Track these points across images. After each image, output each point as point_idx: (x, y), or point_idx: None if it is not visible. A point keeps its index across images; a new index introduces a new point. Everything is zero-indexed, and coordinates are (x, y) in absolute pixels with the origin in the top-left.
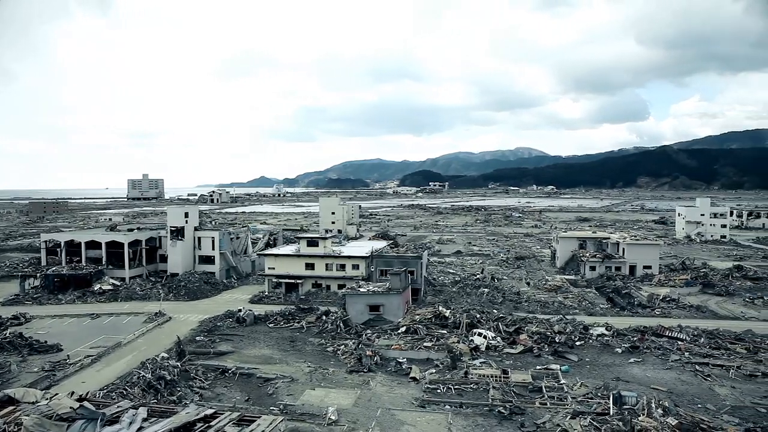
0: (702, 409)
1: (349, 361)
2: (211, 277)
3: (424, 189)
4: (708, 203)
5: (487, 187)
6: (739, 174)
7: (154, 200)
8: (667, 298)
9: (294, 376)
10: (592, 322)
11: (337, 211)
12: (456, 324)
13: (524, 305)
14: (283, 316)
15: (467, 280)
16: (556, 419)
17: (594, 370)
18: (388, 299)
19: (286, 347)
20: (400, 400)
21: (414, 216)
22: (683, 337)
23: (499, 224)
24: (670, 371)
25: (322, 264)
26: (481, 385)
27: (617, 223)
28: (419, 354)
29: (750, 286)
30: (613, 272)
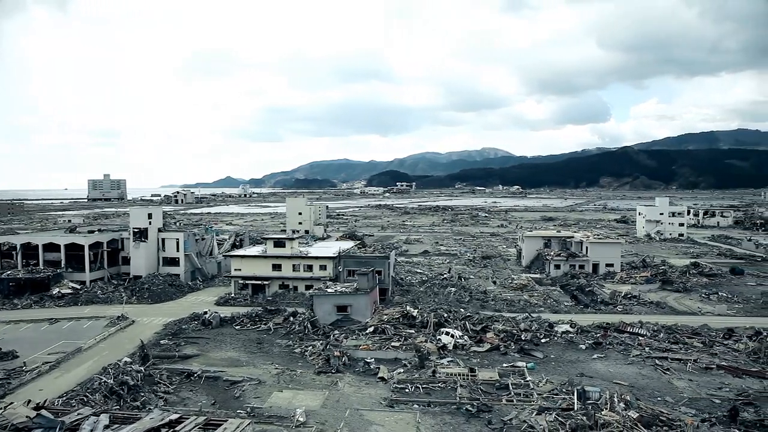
0: (662, 402)
1: (317, 362)
2: (175, 279)
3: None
4: (667, 203)
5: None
6: (696, 174)
7: (116, 201)
8: (628, 295)
9: (261, 378)
10: (556, 320)
11: (304, 212)
12: (423, 323)
13: (491, 304)
14: (250, 317)
15: (434, 279)
16: (523, 416)
17: (559, 366)
18: (356, 299)
19: (253, 349)
20: (368, 400)
21: (381, 216)
22: (644, 333)
23: (465, 224)
24: (631, 366)
25: (289, 265)
26: (448, 383)
27: (581, 222)
28: (387, 354)
29: (706, 282)
30: (577, 270)
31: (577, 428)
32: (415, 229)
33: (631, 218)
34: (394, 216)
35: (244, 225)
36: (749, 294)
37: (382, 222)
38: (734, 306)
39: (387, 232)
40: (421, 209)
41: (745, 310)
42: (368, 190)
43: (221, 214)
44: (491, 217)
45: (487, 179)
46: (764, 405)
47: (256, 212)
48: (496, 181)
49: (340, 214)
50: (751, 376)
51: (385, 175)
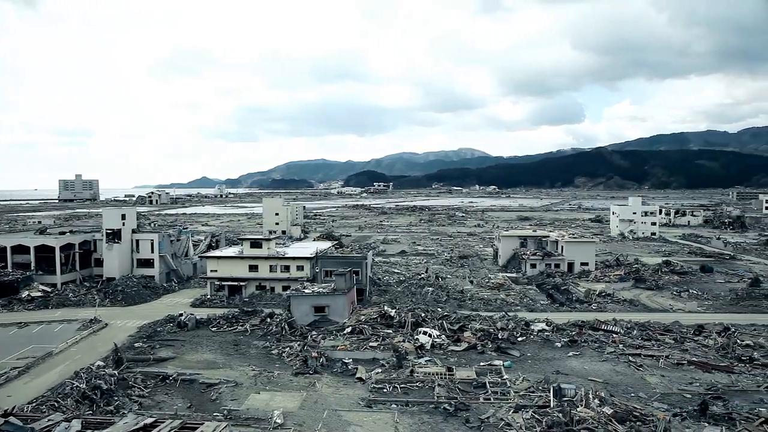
0: (635, 397)
1: (295, 363)
2: (150, 281)
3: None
4: (639, 202)
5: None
6: (667, 174)
7: (88, 202)
8: (602, 294)
9: (238, 380)
10: (533, 318)
11: (281, 212)
12: (401, 323)
13: (468, 303)
14: (227, 319)
15: (412, 279)
16: (500, 414)
17: (535, 364)
18: (334, 300)
19: (230, 351)
20: (346, 400)
21: (359, 216)
22: (617, 330)
23: (442, 224)
24: (605, 363)
25: (266, 265)
26: (426, 383)
27: (556, 221)
28: (365, 354)
29: (677, 280)
30: (552, 269)
31: (553, 425)
32: (393, 229)
33: (605, 218)
34: (371, 216)
35: (220, 226)
36: (718, 291)
37: (359, 222)
38: (704, 303)
39: (364, 232)
40: (399, 209)
41: (715, 307)
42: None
43: (197, 214)
44: (468, 216)
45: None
46: (732, 399)
47: (232, 213)
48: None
49: (317, 215)
50: (720, 371)
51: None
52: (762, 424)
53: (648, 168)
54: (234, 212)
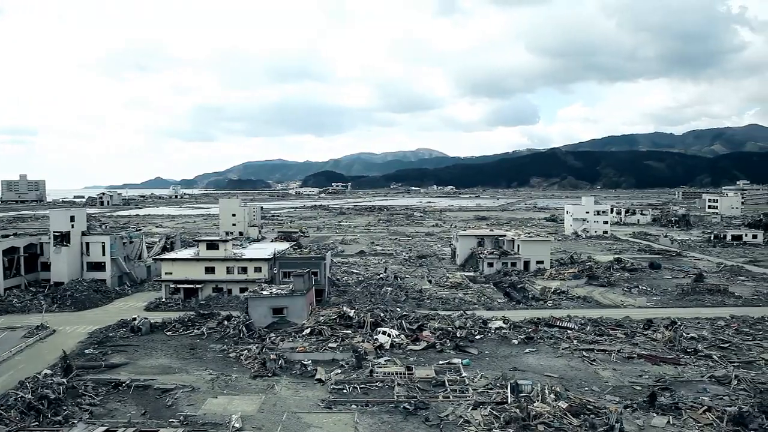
0: (589, 391)
1: (253, 366)
2: (101, 285)
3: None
4: (592, 202)
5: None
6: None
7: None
8: (557, 291)
9: (195, 384)
10: (490, 316)
11: (238, 213)
12: (360, 323)
13: (426, 302)
14: (182, 322)
15: (371, 279)
16: (459, 411)
17: (493, 361)
18: (292, 301)
19: (186, 355)
20: (306, 402)
21: (317, 217)
22: (572, 327)
23: (401, 224)
24: (561, 358)
25: (222, 267)
26: (386, 382)
27: (512, 221)
28: (324, 355)
29: (628, 276)
30: (509, 268)
31: (510, 421)
32: (351, 230)
33: (560, 217)
34: (329, 216)
35: (175, 227)
36: (666, 287)
37: (317, 223)
38: (653, 298)
39: (323, 232)
40: (357, 209)
41: (662, 302)
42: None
43: (151, 216)
44: (426, 216)
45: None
46: (679, 389)
47: (187, 214)
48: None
49: (275, 215)
50: (668, 363)
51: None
52: (705, 412)
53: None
54: (189, 213)
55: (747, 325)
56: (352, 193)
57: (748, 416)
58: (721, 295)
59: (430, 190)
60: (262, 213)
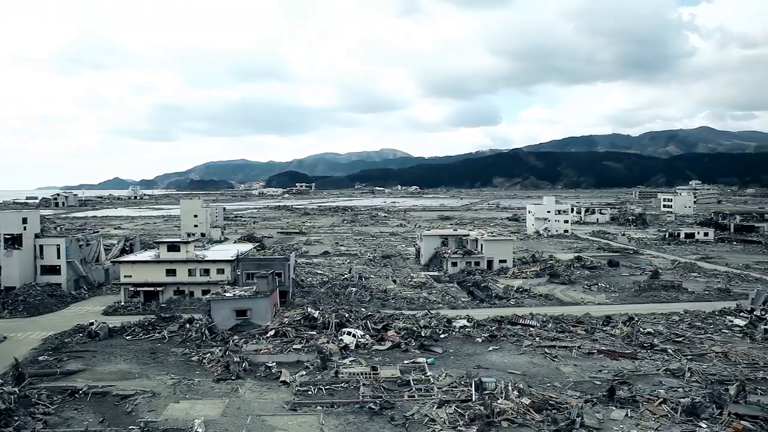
0: (551, 387)
1: (216, 369)
2: (56, 289)
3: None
4: (553, 201)
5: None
6: (578, 175)
7: None
8: (520, 289)
9: (155, 390)
10: (454, 315)
11: (200, 214)
12: (325, 324)
13: (391, 302)
14: (142, 326)
15: (335, 280)
16: (424, 410)
17: (457, 360)
18: (256, 303)
19: (146, 360)
20: (270, 405)
21: (281, 217)
22: (534, 324)
23: (365, 224)
24: (523, 355)
25: (184, 269)
26: (351, 383)
27: (476, 220)
28: (289, 357)
29: (588, 274)
30: (472, 267)
31: (475, 418)
32: (316, 230)
33: (522, 216)
34: (293, 217)
35: (134, 229)
36: (624, 284)
37: (281, 223)
38: (611, 295)
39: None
40: (321, 210)
41: (621, 298)
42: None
43: (109, 217)
44: (390, 216)
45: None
46: (636, 383)
47: (147, 215)
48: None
49: (238, 216)
50: (626, 358)
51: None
52: (661, 404)
53: (561, 168)
54: (150, 214)
55: (699, 319)
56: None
57: (699, 406)
58: (675, 291)
59: (395, 190)
60: (225, 214)
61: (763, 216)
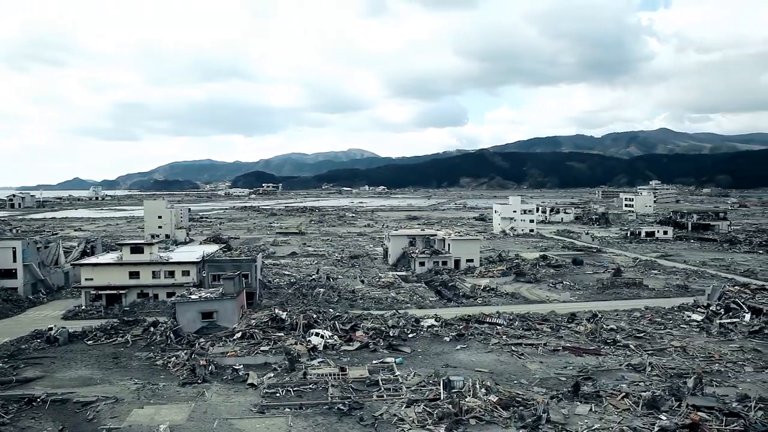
0: (517, 384)
1: (182, 373)
2: (12, 294)
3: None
4: (519, 201)
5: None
6: (543, 175)
7: None
8: (487, 288)
9: (119, 395)
10: (422, 315)
11: (164, 215)
12: (293, 325)
13: (359, 303)
14: (105, 331)
15: (303, 281)
16: (393, 409)
17: (426, 359)
18: (222, 305)
19: (109, 365)
20: (237, 408)
21: (247, 218)
22: (501, 322)
23: (333, 224)
24: (491, 354)
25: (148, 271)
26: (320, 384)
27: (443, 220)
28: (256, 359)
29: (553, 272)
30: (440, 267)
31: (443, 416)
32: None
33: (488, 216)
34: (260, 218)
35: (96, 230)
36: (588, 282)
37: (248, 224)
38: (576, 293)
39: (253, 234)
40: (288, 210)
41: (585, 296)
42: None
43: (69, 219)
44: (358, 217)
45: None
46: (600, 378)
47: (109, 216)
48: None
49: (203, 217)
50: (590, 354)
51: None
52: (623, 398)
53: (526, 169)
54: (112, 216)
55: (659, 315)
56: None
57: (660, 399)
58: (637, 288)
59: (362, 191)
60: (190, 215)
61: (718, 215)
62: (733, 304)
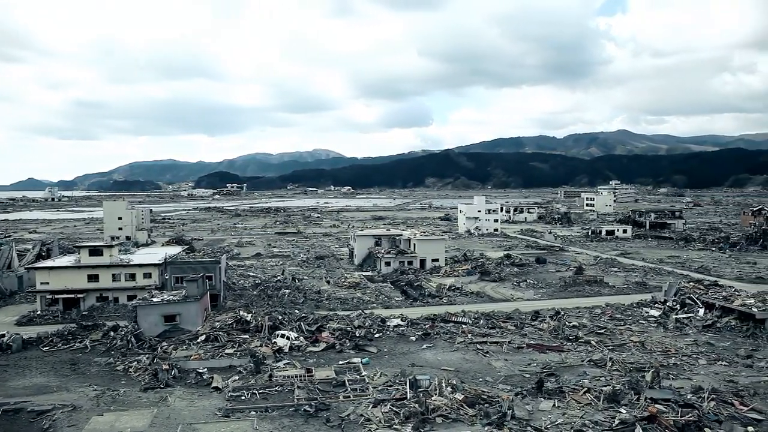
0: (483, 382)
1: (143, 378)
2: None
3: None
4: (483, 201)
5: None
6: (507, 175)
7: None
8: (452, 287)
9: (77, 403)
10: (388, 315)
11: (125, 216)
12: (258, 327)
13: (325, 303)
14: (62, 336)
15: (268, 282)
16: (360, 410)
17: (392, 359)
18: (185, 307)
19: (66, 372)
20: (201, 412)
21: (211, 219)
22: (466, 321)
23: (298, 225)
24: (456, 352)
25: (108, 274)
26: (286, 386)
27: (408, 220)
28: (221, 362)
29: (517, 271)
30: (406, 266)
31: (410, 416)
32: (247, 232)
33: (453, 216)
34: (224, 218)
35: (52, 233)
36: (551, 280)
37: (211, 225)
38: (539, 291)
39: (217, 235)
40: (253, 211)
41: (548, 293)
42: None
43: (23, 220)
44: (323, 217)
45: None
46: (563, 374)
47: (67, 218)
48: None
49: (166, 218)
50: (553, 351)
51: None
52: (585, 393)
53: (490, 169)
54: (69, 217)
55: (619, 311)
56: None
57: (620, 393)
58: (598, 286)
59: (328, 191)
60: (152, 216)
61: (674, 214)
62: (688, 299)
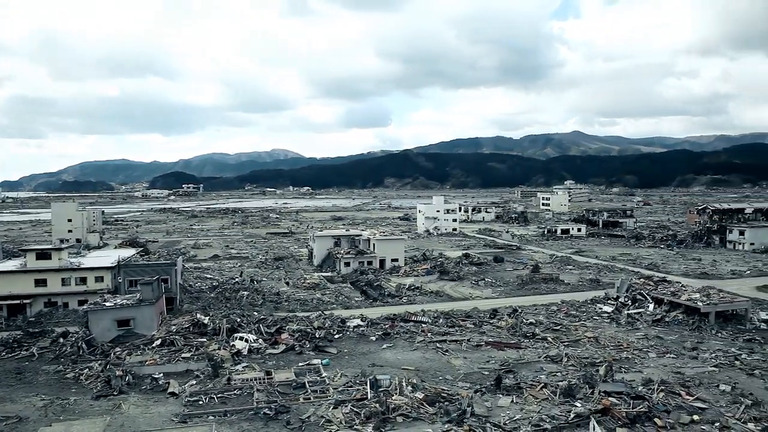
0: (443, 380)
1: (95, 385)
2: None
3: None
4: (442, 201)
5: (243, 188)
6: (465, 175)
7: None
8: (412, 287)
9: (22, 414)
10: (348, 315)
11: (75, 218)
12: (216, 330)
13: (285, 305)
14: (6, 344)
15: (226, 284)
16: (320, 411)
17: (352, 359)
18: (140, 312)
19: (11, 381)
20: (158, 419)
21: (167, 220)
22: (426, 320)
23: (256, 226)
24: (416, 351)
25: (56, 279)
26: (245, 389)
27: (368, 220)
28: (177, 366)
29: (475, 270)
30: (365, 267)
31: (371, 416)
32: (204, 233)
33: (413, 216)
34: (180, 220)
35: None
36: (508, 278)
37: (167, 227)
38: (497, 289)
39: (173, 237)
40: (210, 212)
41: (506, 292)
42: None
43: None
44: (282, 218)
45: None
46: (520, 370)
47: (11, 220)
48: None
49: (119, 220)
50: (511, 348)
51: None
52: (542, 388)
53: (449, 169)
54: (14, 219)
55: (574, 308)
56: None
57: (575, 388)
58: (554, 283)
59: (286, 191)
60: (104, 217)
61: (625, 212)
62: (639, 295)
